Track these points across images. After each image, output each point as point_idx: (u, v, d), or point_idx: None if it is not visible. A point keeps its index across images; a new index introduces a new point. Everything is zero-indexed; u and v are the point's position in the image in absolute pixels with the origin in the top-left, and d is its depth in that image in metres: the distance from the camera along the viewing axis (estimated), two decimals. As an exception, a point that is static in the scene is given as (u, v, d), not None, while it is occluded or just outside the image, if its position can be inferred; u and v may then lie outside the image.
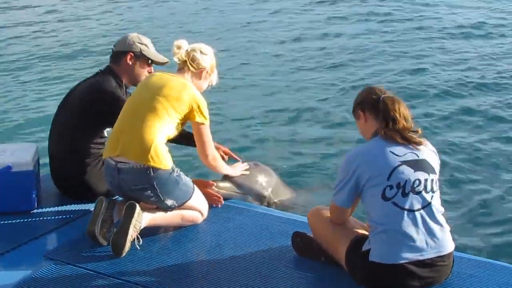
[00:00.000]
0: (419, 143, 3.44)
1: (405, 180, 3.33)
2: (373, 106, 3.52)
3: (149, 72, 4.66)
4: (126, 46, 4.60)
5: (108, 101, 4.46)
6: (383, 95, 3.52)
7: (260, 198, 4.82)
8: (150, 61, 4.65)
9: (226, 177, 4.71)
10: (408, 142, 3.41)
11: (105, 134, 4.63)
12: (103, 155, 4.18)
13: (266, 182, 4.90)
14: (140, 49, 4.59)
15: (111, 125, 4.37)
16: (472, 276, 3.62)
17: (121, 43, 4.65)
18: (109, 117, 4.37)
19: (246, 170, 4.82)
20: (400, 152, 3.39)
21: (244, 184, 4.77)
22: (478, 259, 3.91)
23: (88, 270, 3.72)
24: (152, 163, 3.92)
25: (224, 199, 4.61)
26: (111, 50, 4.72)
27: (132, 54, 4.58)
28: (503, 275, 3.65)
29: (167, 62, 4.72)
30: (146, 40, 4.66)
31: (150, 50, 4.65)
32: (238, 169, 4.78)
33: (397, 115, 3.45)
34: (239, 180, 4.75)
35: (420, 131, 3.51)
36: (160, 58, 4.70)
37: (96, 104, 4.47)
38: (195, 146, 4.35)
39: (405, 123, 3.46)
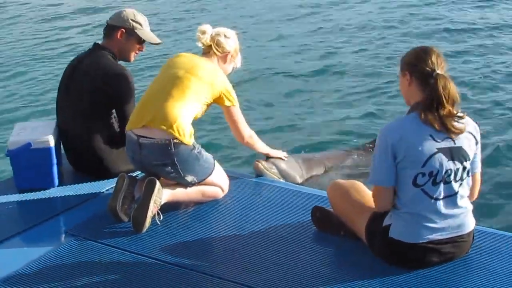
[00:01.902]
0: (460, 133, 3.27)
1: (438, 170, 3.24)
2: (423, 78, 3.27)
3: (140, 50, 4.68)
4: (120, 21, 4.57)
5: (116, 84, 4.45)
6: (437, 71, 3.24)
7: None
8: (141, 40, 4.62)
9: (268, 159, 4.80)
10: (447, 131, 3.24)
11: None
12: (126, 128, 4.19)
13: (299, 171, 5.04)
14: (133, 27, 4.55)
15: (122, 105, 4.43)
16: (492, 249, 3.61)
17: (116, 18, 4.61)
18: (119, 98, 4.44)
19: (285, 156, 4.89)
20: (439, 137, 3.24)
21: (285, 170, 4.87)
22: (499, 232, 3.89)
23: (109, 246, 3.75)
24: (176, 134, 3.94)
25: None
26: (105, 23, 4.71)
27: (124, 31, 4.55)
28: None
29: (160, 43, 4.76)
30: (141, 18, 4.60)
31: (144, 29, 4.60)
32: (278, 152, 4.84)
33: (445, 99, 3.21)
34: (281, 165, 4.83)
35: (465, 116, 3.32)
36: (152, 38, 4.66)
37: (104, 89, 4.44)
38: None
39: (451, 109, 3.24)
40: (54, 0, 16.07)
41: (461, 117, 3.30)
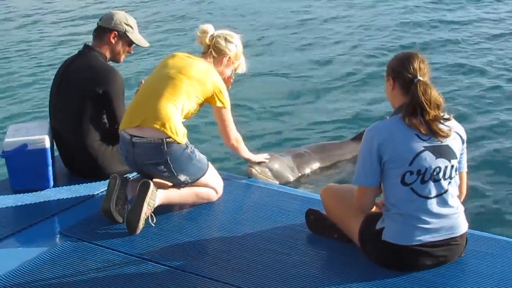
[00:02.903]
0: (447, 135, 3.30)
1: (426, 168, 3.28)
2: (405, 84, 3.33)
3: (129, 52, 4.74)
4: (112, 24, 4.61)
5: (106, 84, 4.49)
6: (418, 77, 3.29)
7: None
8: (132, 43, 4.67)
9: (260, 163, 4.85)
10: (434, 135, 3.28)
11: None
12: (119, 127, 4.21)
13: (291, 168, 5.13)
14: (125, 30, 4.61)
15: (112, 105, 4.48)
16: (485, 253, 3.62)
17: (107, 20, 4.65)
18: (109, 98, 4.48)
19: (266, 158, 4.91)
20: (425, 136, 3.29)
21: (278, 170, 4.93)
22: (492, 236, 3.90)
23: (103, 247, 3.76)
24: (169, 133, 3.96)
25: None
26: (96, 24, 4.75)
27: (116, 33, 4.60)
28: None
29: (148, 46, 4.84)
30: (131, 21, 4.67)
31: (134, 32, 4.67)
32: (259, 156, 4.87)
33: (427, 105, 3.25)
34: (274, 166, 4.87)
35: (451, 118, 3.36)
36: (142, 41, 4.74)
37: (96, 89, 4.46)
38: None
39: (435, 113, 3.28)
40: (48, 2, 16.08)
41: (447, 119, 3.35)
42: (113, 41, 4.60)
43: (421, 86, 3.28)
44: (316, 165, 5.42)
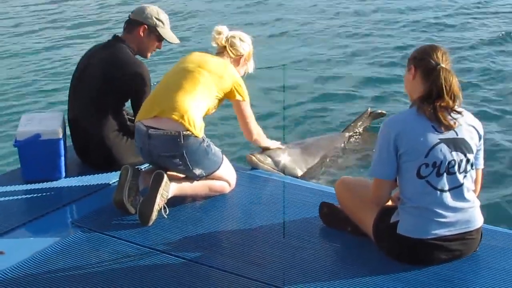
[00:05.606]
0: (449, 126, 3.29)
1: (441, 160, 3.26)
2: (427, 71, 3.32)
3: (158, 48, 4.73)
4: (143, 17, 4.59)
5: (133, 77, 4.47)
6: (441, 64, 3.30)
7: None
8: (161, 38, 4.65)
9: (264, 151, 4.81)
10: (436, 121, 3.28)
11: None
12: (136, 118, 4.20)
13: (297, 161, 5.08)
14: (156, 24, 4.58)
15: (138, 98, 4.44)
16: (500, 248, 3.59)
17: (139, 13, 4.63)
18: (135, 91, 4.46)
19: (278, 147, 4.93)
20: (441, 129, 3.28)
21: (280, 162, 4.88)
22: (507, 231, 3.88)
23: (115, 238, 3.75)
24: (187, 125, 3.96)
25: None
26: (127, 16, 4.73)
27: (146, 27, 4.58)
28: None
29: (178, 43, 4.84)
30: (163, 16, 4.64)
31: (165, 27, 4.64)
32: (276, 143, 4.90)
33: (445, 91, 3.26)
34: (277, 158, 4.83)
35: (462, 113, 3.34)
36: (172, 38, 4.71)
37: (120, 80, 4.45)
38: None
39: (450, 102, 3.29)
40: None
41: (459, 112, 3.33)
42: (142, 34, 4.58)
43: (443, 71, 3.29)
44: (324, 158, 5.38)
